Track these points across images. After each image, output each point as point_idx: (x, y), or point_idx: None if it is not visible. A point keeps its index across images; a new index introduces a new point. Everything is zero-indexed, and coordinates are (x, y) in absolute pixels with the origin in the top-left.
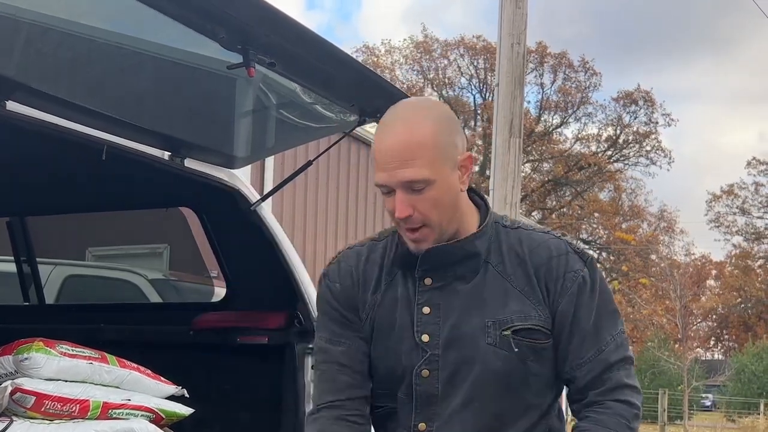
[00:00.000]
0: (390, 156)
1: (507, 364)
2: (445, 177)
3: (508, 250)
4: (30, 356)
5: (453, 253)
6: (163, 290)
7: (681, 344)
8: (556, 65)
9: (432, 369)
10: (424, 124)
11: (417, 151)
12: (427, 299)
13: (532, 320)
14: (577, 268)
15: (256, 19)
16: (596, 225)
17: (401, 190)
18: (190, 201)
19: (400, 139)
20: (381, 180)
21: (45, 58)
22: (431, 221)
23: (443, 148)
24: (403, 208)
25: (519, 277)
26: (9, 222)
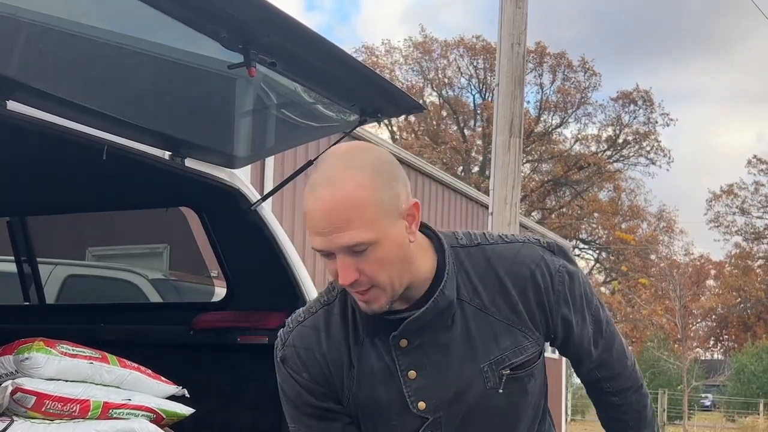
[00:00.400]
0: (322, 221)
1: (511, 398)
2: (388, 234)
3: (479, 278)
4: (30, 356)
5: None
6: (163, 290)
7: (680, 344)
8: (555, 65)
9: (435, 430)
10: (355, 180)
11: (351, 213)
12: (409, 363)
13: (526, 352)
14: (558, 266)
15: (256, 19)
16: (596, 225)
17: (342, 254)
18: (191, 201)
19: (329, 203)
20: (317, 245)
21: (45, 58)
22: (379, 282)
23: (380, 203)
24: (347, 273)
25: (500, 306)
26: (9, 222)
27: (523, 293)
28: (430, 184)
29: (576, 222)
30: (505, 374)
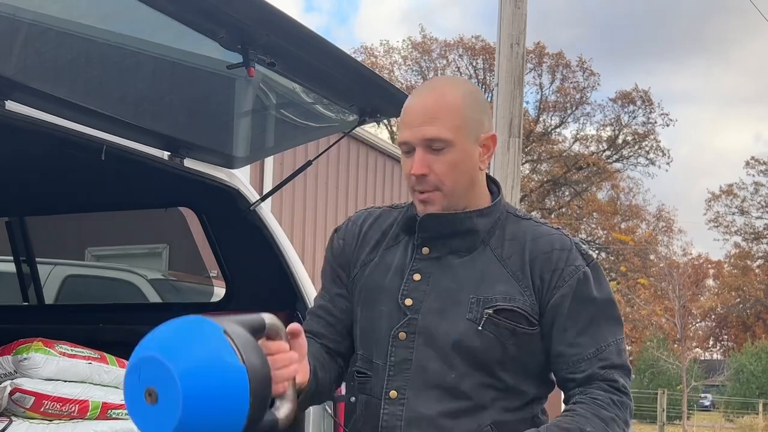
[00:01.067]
0: (416, 114)
1: (484, 342)
2: (465, 145)
3: (510, 237)
4: (29, 356)
5: (450, 224)
6: (162, 290)
7: (680, 344)
8: (554, 65)
9: (409, 333)
10: (454, 92)
11: (442, 112)
12: (419, 267)
13: (515, 303)
14: (579, 264)
15: (255, 19)
16: (595, 225)
17: (421, 148)
18: (190, 201)
19: (428, 100)
20: (403, 137)
21: (44, 58)
22: (444, 185)
23: (468, 119)
24: (420, 165)
25: (514, 262)
26: (8, 222)
27: (534, 261)
28: None
29: (575, 222)
30: (487, 313)
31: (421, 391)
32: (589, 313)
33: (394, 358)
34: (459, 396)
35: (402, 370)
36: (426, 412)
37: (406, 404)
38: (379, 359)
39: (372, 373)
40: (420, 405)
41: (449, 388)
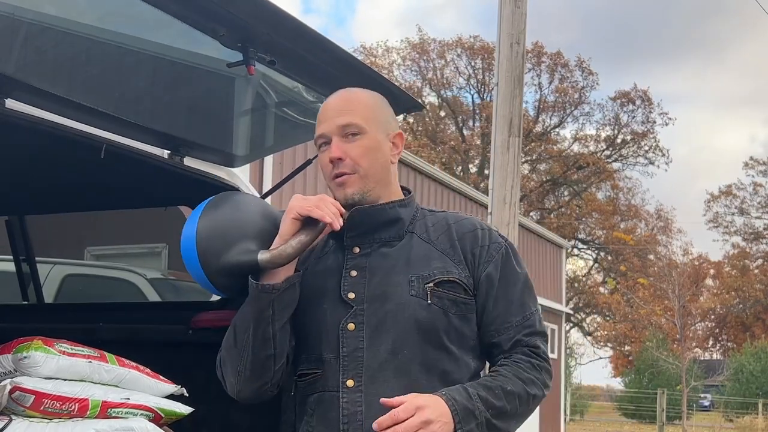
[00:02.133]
0: (330, 109)
1: (430, 314)
2: (376, 135)
3: (432, 223)
4: (29, 355)
5: (377, 214)
6: (162, 289)
7: (679, 344)
8: (553, 65)
9: (357, 323)
10: (363, 92)
11: (354, 104)
12: (354, 264)
13: (452, 275)
14: (500, 240)
15: (256, 17)
16: (594, 225)
17: (337, 137)
18: (190, 200)
19: (340, 97)
20: (319, 131)
21: (44, 56)
22: (360, 167)
23: (377, 114)
24: (337, 150)
25: (443, 241)
26: (8, 221)
27: (462, 239)
28: (429, 184)
29: (575, 222)
30: (429, 288)
31: (376, 375)
32: (515, 285)
33: (346, 348)
34: (413, 374)
35: (355, 359)
36: (385, 394)
37: (364, 390)
38: (330, 353)
39: (323, 368)
40: (378, 388)
41: (403, 369)
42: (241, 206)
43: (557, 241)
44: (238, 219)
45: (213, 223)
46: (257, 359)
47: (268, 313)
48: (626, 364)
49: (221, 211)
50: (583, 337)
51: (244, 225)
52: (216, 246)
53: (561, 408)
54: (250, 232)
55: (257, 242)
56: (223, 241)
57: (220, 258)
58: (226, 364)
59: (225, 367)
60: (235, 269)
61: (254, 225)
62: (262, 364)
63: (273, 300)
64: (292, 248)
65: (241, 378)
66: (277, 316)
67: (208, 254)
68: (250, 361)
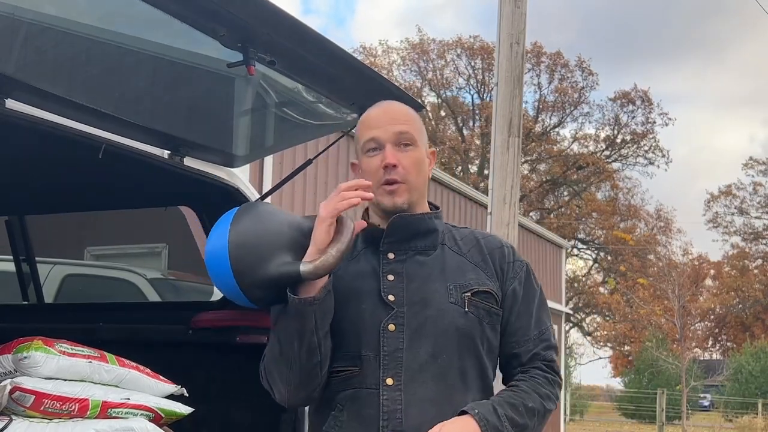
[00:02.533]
0: (383, 117)
1: (468, 322)
2: (422, 149)
3: (461, 237)
4: (29, 355)
5: (416, 224)
6: (161, 289)
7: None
8: (552, 65)
9: (398, 324)
10: (409, 108)
11: (407, 117)
12: (390, 269)
13: (487, 286)
14: (522, 260)
15: (256, 18)
16: (594, 225)
17: (391, 144)
18: (190, 200)
19: (392, 107)
20: (372, 134)
21: (44, 56)
22: (410, 178)
23: (422, 129)
24: (393, 156)
25: (474, 254)
26: (8, 221)
27: (492, 253)
28: (429, 184)
29: (574, 222)
30: (467, 297)
31: (416, 376)
32: (534, 301)
33: (386, 348)
34: (450, 379)
35: (395, 359)
36: (423, 394)
37: (404, 389)
38: (369, 351)
39: (361, 366)
40: (416, 389)
41: (441, 373)
42: (269, 217)
43: (557, 241)
44: (268, 231)
45: (245, 236)
46: (305, 369)
47: (312, 323)
48: (626, 364)
49: (250, 224)
50: (583, 337)
51: (276, 236)
52: (251, 259)
53: (561, 408)
54: (282, 244)
55: (291, 253)
56: (258, 255)
57: (257, 271)
58: (273, 375)
59: (272, 378)
60: (273, 282)
61: (285, 236)
62: (310, 372)
63: (315, 311)
64: (333, 257)
65: (292, 388)
66: (319, 325)
67: (243, 268)
68: (298, 371)
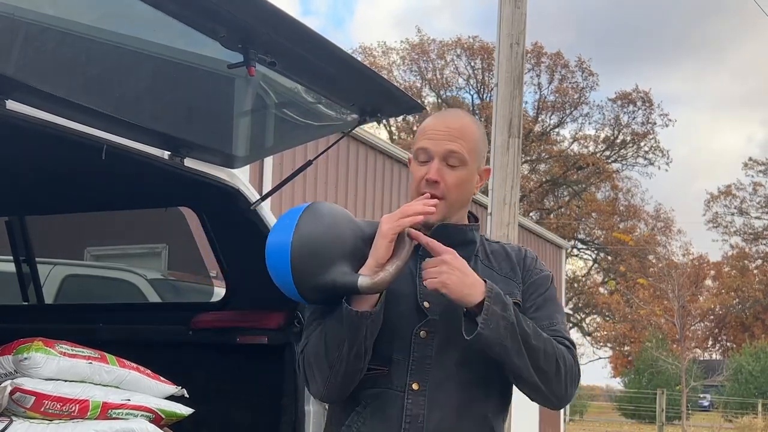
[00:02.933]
0: (441, 128)
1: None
2: (472, 169)
3: (492, 251)
4: (30, 356)
5: (457, 235)
6: (162, 290)
7: (679, 344)
8: (553, 66)
9: (430, 331)
10: (472, 122)
11: (465, 135)
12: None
13: (515, 297)
14: (545, 268)
15: (256, 18)
16: (594, 225)
17: (439, 159)
18: (190, 200)
19: (452, 121)
20: (425, 144)
21: (44, 57)
22: (450, 197)
23: (479, 148)
24: (436, 173)
25: (503, 267)
26: (8, 221)
27: (519, 262)
28: None
29: (574, 222)
30: None
31: (441, 383)
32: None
33: (416, 353)
34: (473, 389)
35: (423, 365)
36: (446, 401)
37: (428, 395)
38: (399, 355)
39: (390, 367)
40: (440, 395)
41: (466, 383)
42: (335, 222)
43: (557, 242)
44: (333, 236)
45: (310, 239)
46: (349, 372)
47: (362, 334)
48: (626, 364)
49: (317, 226)
50: (583, 337)
51: (340, 243)
52: (313, 263)
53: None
54: (344, 252)
55: (351, 263)
56: (320, 260)
57: (317, 277)
58: (313, 370)
59: (311, 373)
60: (330, 290)
61: (348, 244)
62: (352, 375)
63: (368, 324)
64: (390, 275)
65: (330, 386)
66: (369, 335)
67: (303, 271)
68: (342, 374)
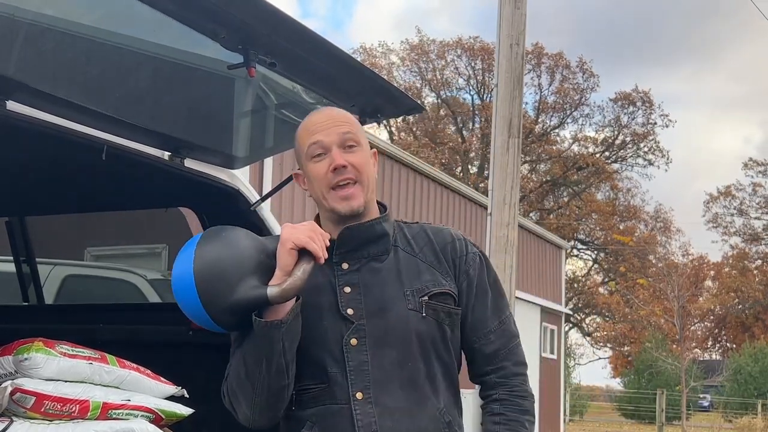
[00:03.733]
0: (324, 120)
1: (428, 327)
2: (366, 149)
3: (412, 235)
4: (30, 356)
5: (365, 232)
6: (162, 290)
7: (679, 345)
8: (553, 66)
9: (359, 337)
10: (347, 112)
11: (348, 118)
12: (346, 281)
13: (443, 286)
14: (475, 250)
15: (256, 19)
16: (594, 226)
17: (337, 146)
18: (190, 201)
19: (331, 111)
20: (317, 138)
21: (45, 58)
22: (362, 177)
23: (362, 130)
24: (341, 158)
25: (427, 253)
26: (8, 222)
27: (444, 249)
28: (429, 185)
29: (574, 222)
30: (424, 301)
31: (384, 386)
32: (490, 292)
33: (352, 362)
34: (419, 385)
35: (361, 372)
36: (394, 404)
37: (374, 401)
38: (335, 368)
39: (329, 382)
40: (387, 398)
41: (409, 380)
42: (233, 242)
43: (557, 242)
44: (234, 255)
45: (210, 263)
46: (272, 391)
47: (279, 347)
48: (625, 364)
49: (215, 249)
50: (583, 337)
51: (242, 261)
52: (219, 286)
53: (560, 408)
54: (249, 268)
55: (258, 278)
56: (226, 281)
57: (225, 298)
58: (237, 395)
59: (235, 399)
60: (242, 307)
61: (251, 260)
62: (277, 395)
63: (283, 334)
64: (300, 280)
65: (256, 409)
66: (287, 347)
67: (211, 295)
68: (266, 393)
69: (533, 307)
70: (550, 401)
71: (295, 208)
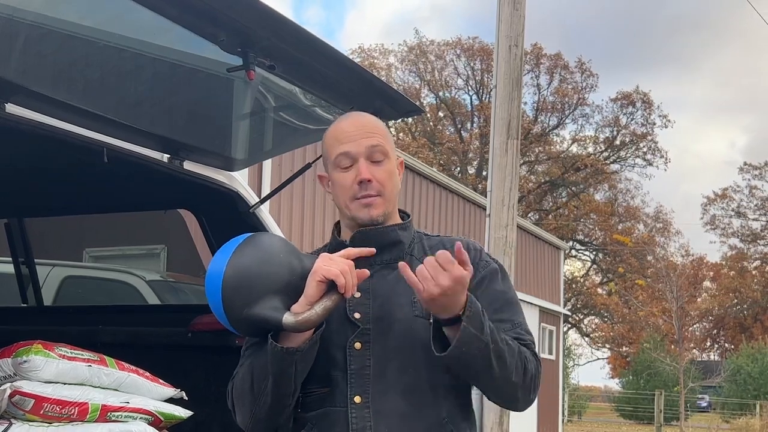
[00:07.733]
0: (354, 129)
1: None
2: (393, 160)
3: (430, 246)
4: (29, 359)
5: (379, 238)
6: (161, 292)
7: (677, 345)
8: (552, 67)
9: (364, 342)
10: (377, 119)
11: (377, 129)
12: (357, 286)
13: None
14: (490, 260)
15: (256, 22)
16: (592, 226)
17: (364, 158)
18: (189, 203)
19: (361, 119)
20: (345, 149)
21: (45, 61)
22: (385, 191)
23: (391, 140)
24: (367, 172)
25: None
26: (7, 223)
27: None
28: (427, 186)
29: (573, 223)
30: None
31: (384, 392)
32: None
33: (353, 366)
34: (419, 392)
35: (362, 377)
36: (391, 410)
37: (371, 406)
38: (337, 371)
39: (331, 385)
40: (384, 405)
41: (410, 387)
42: (269, 256)
43: (555, 243)
44: (264, 271)
45: (240, 271)
46: (274, 408)
47: (291, 371)
48: (624, 365)
49: (249, 259)
50: (581, 338)
51: (270, 277)
52: (241, 297)
53: (559, 409)
54: (276, 288)
55: (282, 298)
56: (248, 293)
57: (244, 310)
58: (240, 401)
59: (238, 403)
60: (257, 323)
61: (281, 280)
62: (279, 412)
63: (296, 361)
64: (317, 315)
65: (255, 418)
66: (299, 373)
67: (233, 302)
68: (266, 408)
69: (532, 307)
70: (548, 402)
71: (294, 210)
